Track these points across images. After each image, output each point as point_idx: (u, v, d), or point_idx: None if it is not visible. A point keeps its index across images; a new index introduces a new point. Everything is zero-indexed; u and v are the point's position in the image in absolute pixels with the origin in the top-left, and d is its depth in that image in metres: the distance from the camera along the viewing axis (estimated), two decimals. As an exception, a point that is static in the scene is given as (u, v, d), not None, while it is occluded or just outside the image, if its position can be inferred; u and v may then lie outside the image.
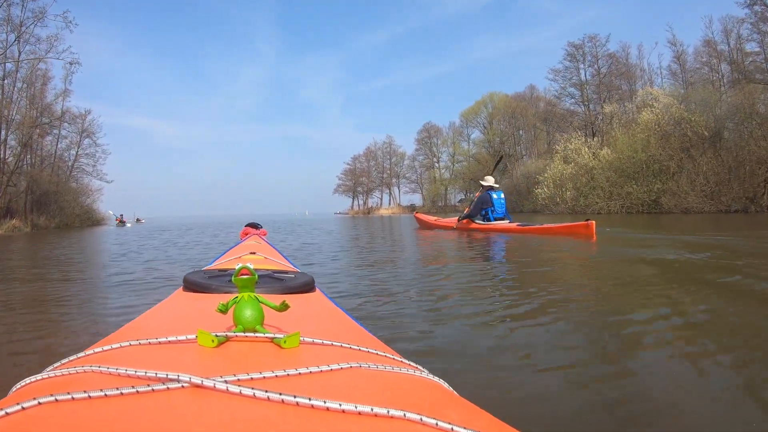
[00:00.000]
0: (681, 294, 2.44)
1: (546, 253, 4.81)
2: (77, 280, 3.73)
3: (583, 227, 6.39)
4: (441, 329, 1.89)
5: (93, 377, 0.46)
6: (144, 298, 2.67)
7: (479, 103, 52.69)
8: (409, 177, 59.36)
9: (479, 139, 52.55)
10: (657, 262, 3.70)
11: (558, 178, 24.06)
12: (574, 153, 23.72)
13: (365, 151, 61.89)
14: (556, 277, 3.31)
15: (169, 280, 3.35)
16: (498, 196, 8.47)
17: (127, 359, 0.53)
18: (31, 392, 0.45)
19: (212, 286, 0.98)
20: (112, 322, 2.02)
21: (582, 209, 22.20)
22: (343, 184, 62.57)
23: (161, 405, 0.39)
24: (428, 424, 0.37)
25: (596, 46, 32.01)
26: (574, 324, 1.96)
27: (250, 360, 0.52)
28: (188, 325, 0.74)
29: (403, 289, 2.83)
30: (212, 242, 8.12)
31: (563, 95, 32.88)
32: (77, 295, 2.94)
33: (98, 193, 33.52)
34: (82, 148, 32.19)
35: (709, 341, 1.65)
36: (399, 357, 0.63)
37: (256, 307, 0.61)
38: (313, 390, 0.43)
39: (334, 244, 7.20)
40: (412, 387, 0.50)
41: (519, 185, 37.33)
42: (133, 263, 4.76)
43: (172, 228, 16.56)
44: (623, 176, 21.28)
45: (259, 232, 2.92)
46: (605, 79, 31.22)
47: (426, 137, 57.06)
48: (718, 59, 27.99)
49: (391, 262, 4.36)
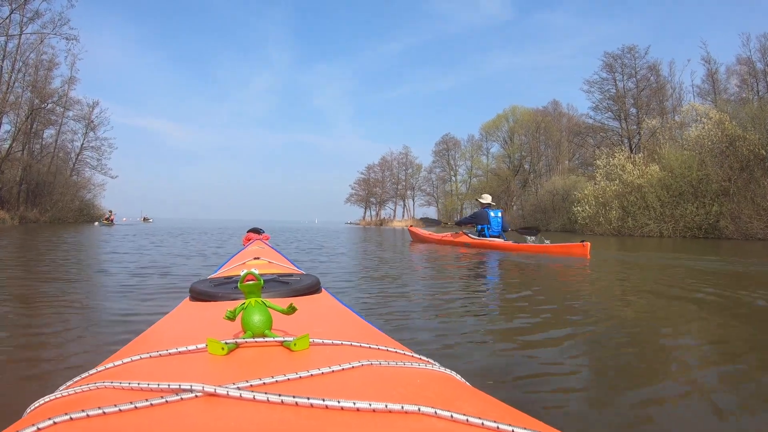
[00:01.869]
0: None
1: (545, 271, 4.43)
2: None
3: (579, 247, 6.40)
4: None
5: (106, 393, 0.46)
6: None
7: (501, 117, 50.97)
8: (425, 189, 57.27)
9: (499, 154, 50.60)
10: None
11: (600, 195, 21.63)
12: (619, 169, 21.26)
13: (380, 161, 60.16)
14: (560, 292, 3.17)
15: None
16: (495, 215, 8.52)
17: (139, 373, 0.53)
18: (45, 412, 0.44)
19: (219, 294, 0.97)
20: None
21: (629, 231, 19.59)
22: (356, 194, 60.68)
23: (176, 416, 0.39)
24: (443, 416, 0.37)
25: (635, 58, 29.99)
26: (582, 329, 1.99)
27: (261, 365, 0.52)
28: (197, 334, 0.72)
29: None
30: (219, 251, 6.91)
31: (601, 108, 30.71)
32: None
33: (100, 189, 32.31)
34: (87, 141, 31.10)
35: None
36: (410, 352, 0.63)
37: (263, 312, 0.61)
38: (327, 390, 0.43)
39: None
40: (424, 381, 0.50)
41: (544, 203, 35.05)
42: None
43: (184, 231, 15.25)
44: (674, 196, 18.92)
45: (262, 236, 2.94)
46: (644, 93, 29.09)
47: (444, 149, 55.12)
48: (755, 78, 26.09)
49: (393, 280, 3.73)
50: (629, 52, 29.97)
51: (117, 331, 1.95)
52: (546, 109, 46.68)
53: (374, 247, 8.65)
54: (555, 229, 31.73)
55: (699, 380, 1.39)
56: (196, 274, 3.75)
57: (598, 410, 1.13)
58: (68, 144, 30.94)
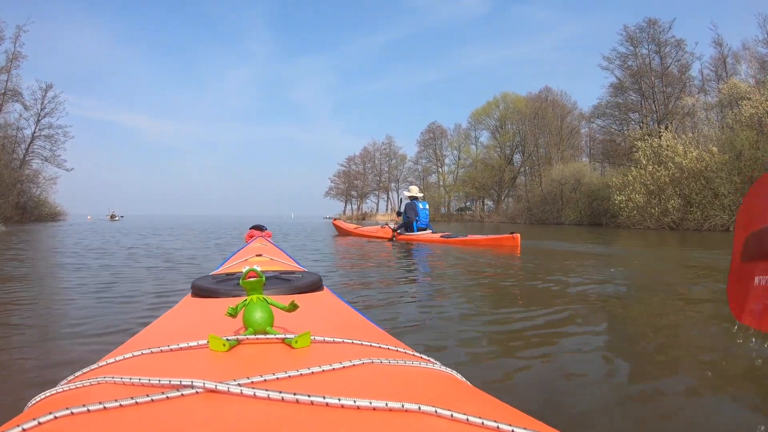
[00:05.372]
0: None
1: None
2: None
3: (509, 239, 6.28)
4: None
5: (107, 388, 0.46)
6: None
7: (491, 104, 47.66)
8: (410, 181, 53.36)
9: (489, 143, 47.38)
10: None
11: (649, 182, 18.31)
12: (670, 151, 17.93)
13: (362, 152, 55.75)
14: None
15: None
16: (424, 207, 8.39)
17: (140, 368, 0.52)
18: (46, 407, 0.44)
19: (220, 291, 0.97)
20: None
21: (697, 225, 16.33)
22: (336, 187, 56.06)
23: (176, 411, 0.38)
24: (443, 415, 0.37)
25: (657, 33, 27.06)
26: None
27: (262, 362, 0.52)
28: (199, 330, 0.71)
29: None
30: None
31: (625, 85, 27.60)
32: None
33: (50, 182, 27.24)
34: (39, 129, 26.37)
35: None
36: (411, 351, 0.62)
37: (265, 308, 0.61)
38: (327, 388, 0.43)
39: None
40: (425, 380, 0.50)
41: (552, 193, 31.92)
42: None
43: (156, 230, 13.05)
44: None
45: (264, 233, 2.93)
46: (672, 68, 26.21)
47: (430, 138, 51.31)
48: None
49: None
50: (652, 26, 27.01)
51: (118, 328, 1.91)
52: (540, 95, 43.71)
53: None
54: (570, 222, 28.51)
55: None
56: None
57: (603, 412, 1.09)
58: (14, 133, 25.94)
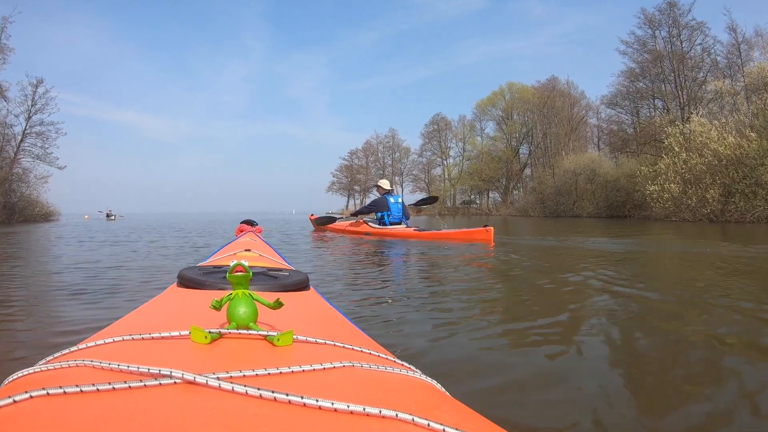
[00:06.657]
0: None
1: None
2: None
3: (482, 233, 6.17)
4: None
5: (85, 371, 0.46)
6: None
7: (496, 94, 46.45)
8: (415, 175, 52.28)
9: (495, 134, 46.27)
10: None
11: (684, 171, 17.21)
12: (705, 137, 16.86)
13: (364, 145, 54.55)
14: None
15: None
16: (395, 201, 8.12)
17: (119, 354, 0.52)
18: (23, 385, 0.44)
19: (206, 283, 0.96)
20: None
21: (739, 217, 15.28)
22: (338, 182, 54.94)
23: (153, 400, 0.38)
24: (420, 424, 0.37)
25: (677, 15, 25.93)
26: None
27: (242, 357, 0.51)
28: (182, 321, 0.71)
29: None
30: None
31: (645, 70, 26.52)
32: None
33: (42, 181, 26.17)
34: (30, 126, 25.29)
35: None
36: (392, 357, 0.62)
37: (250, 304, 0.61)
38: (306, 389, 0.42)
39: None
40: (405, 387, 0.50)
41: (565, 183, 30.91)
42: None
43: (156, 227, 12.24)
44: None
45: (255, 229, 2.87)
46: (694, 52, 25.12)
47: (435, 131, 50.12)
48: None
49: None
50: (670, 8, 25.88)
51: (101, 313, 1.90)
52: (548, 84, 42.57)
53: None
54: (588, 215, 27.55)
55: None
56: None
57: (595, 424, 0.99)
58: (2, 130, 24.90)
